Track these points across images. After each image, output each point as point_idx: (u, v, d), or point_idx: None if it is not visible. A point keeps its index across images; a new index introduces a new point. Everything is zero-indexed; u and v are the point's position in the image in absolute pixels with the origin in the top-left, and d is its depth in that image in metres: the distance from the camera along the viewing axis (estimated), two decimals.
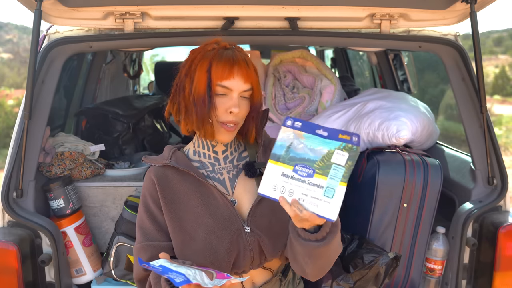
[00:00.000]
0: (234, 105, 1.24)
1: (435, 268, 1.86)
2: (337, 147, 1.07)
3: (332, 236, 1.14)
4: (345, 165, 1.05)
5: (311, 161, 1.08)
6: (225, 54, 1.25)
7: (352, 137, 1.06)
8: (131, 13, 1.77)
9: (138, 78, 4.49)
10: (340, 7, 1.79)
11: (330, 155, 1.07)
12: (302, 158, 1.09)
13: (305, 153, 1.09)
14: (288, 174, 1.09)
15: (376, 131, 1.91)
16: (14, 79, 14.98)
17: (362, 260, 1.73)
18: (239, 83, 1.24)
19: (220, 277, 1.08)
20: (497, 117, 10.69)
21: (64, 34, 1.82)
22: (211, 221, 1.27)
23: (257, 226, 1.29)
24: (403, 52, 3.13)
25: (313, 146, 1.09)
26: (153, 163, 1.34)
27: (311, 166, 1.07)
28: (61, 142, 2.09)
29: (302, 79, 2.49)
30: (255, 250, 1.28)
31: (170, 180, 1.31)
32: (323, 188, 1.06)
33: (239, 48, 1.32)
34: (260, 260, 1.30)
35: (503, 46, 18.28)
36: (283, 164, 1.10)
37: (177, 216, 1.28)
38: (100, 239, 2.03)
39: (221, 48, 1.28)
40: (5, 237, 1.62)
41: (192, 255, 1.25)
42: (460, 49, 1.85)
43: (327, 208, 1.05)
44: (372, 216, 1.82)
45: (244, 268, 1.29)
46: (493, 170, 1.81)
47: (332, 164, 1.06)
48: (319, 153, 1.08)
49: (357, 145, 1.06)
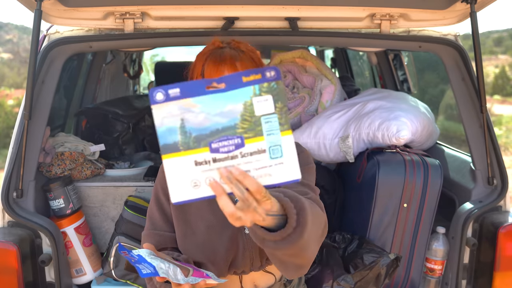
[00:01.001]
0: None
1: (435, 268, 1.86)
2: (252, 95, 0.81)
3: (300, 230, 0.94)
4: (276, 110, 0.81)
5: (230, 128, 0.81)
6: (215, 54, 1.24)
7: (265, 72, 0.81)
8: (131, 13, 1.77)
9: (138, 78, 4.49)
10: (340, 7, 1.79)
11: (249, 109, 0.81)
12: (213, 131, 0.81)
13: (213, 123, 0.81)
14: (206, 159, 0.82)
15: (376, 131, 1.91)
16: (14, 79, 14.98)
17: (362, 260, 1.73)
18: None
19: (198, 275, 1.05)
20: (497, 117, 10.69)
21: (64, 34, 1.82)
22: (212, 217, 1.27)
23: None
24: (403, 52, 3.13)
25: (218, 108, 0.81)
26: None
27: (233, 135, 0.81)
28: (61, 142, 2.09)
29: (302, 79, 2.49)
30: (254, 251, 1.27)
31: None
32: (266, 152, 0.82)
33: (234, 43, 1.29)
34: (261, 262, 1.30)
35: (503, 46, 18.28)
36: (189, 152, 0.81)
37: (182, 208, 1.29)
38: (100, 239, 2.03)
39: (215, 49, 1.27)
40: (5, 237, 1.62)
41: (192, 249, 1.26)
42: (460, 49, 1.85)
43: (284, 170, 0.82)
44: (372, 216, 1.82)
45: (243, 268, 1.28)
46: (493, 170, 1.81)
47: (260, 117, 0.81)
48: (233, 114, 0.81)
49: (276, 79, 0.81)
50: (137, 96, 3.55)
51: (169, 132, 0.81)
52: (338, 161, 2.09)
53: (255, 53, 1.29)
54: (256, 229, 0.94)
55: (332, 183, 2.10)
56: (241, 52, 1.26)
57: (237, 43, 1.29)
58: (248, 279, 1.32)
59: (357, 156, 2.01)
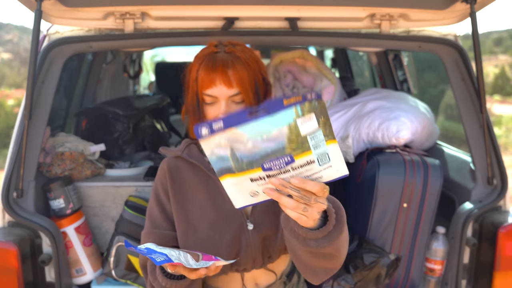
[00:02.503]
0: (221, 112, 1.20)
1: (435, 268, 1.86)
2: (295, 117, 0.82)
3: (339, 227, 1.00)
4: (320, 126, 0.83)
5: (278, 151, 0.84)
6: (208, 61, 1.22)
7: (306, 95, 0.82)
8: (131, 13, 1.77)
9: (138, 78, 4.49)
10: (340, 7, 1.79)
11: (294, 131, 0.83)
12: (263, 155, 0.84)
13: (261, 149, 0.84)
14: (260, 176, 0.86)
15: (376, 131, 1.91)
16: (14, 79, 14.98)
17: (362, 260, 1.73)
18: (222, 90, 1.20)
19: (207, 259, 1.06)
20: (497, 117, 10.68)
21: (64, 34, 1.83)
22: (214, 215, 1.27)
23: (260, 224, 1.28)
24: (403, 52, 3.13)
25: (264, 134, 0.83)
26: (169, 154, 1.36)
27: (283, 155, 0.84)
28: (61, 142, 2.09)
29: (302, 79, 2.49)
30: (256, 248, 1.27)
31: (181, 171, 1.33)
32: (315, 162, 0.85)
33: (229, 48, 1.25)
34: (263, 260, 1.30)
35: (503, 46, 18.29)
36: (243, 173, 0.86)
37: (183, 206, 1.29)
38: (100, 239, 2.03)
39: (209, 54, 1.23)
40: (5, 237, 1.62)
41: (194, 246, 1.26)
42: (460, 49, 1.85)
43: (332, 171, 0.87)
44: (372, 216, 1.82)
45: (245, 266, 1.29)
46: (493, 170, 1.81)
47: (306, 136, 0.83)
48: (279, 137, 0.83)
49: (317, 98, 0.82)
50: (137, 96, 3.55)
51: (221, 160, 0.85)
52: None
53: (252, 56, 1.26)
54: (298, 229, 0.97)
55: (332, 183, 2.10)
56: (235, 57, 1.22)
57: (232, 47, 1.25)
58: (250, 277, 1.33)
59: (357, 156, 2.01)
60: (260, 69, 1.28)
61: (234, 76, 1.20)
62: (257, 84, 1.26)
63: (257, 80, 1.26)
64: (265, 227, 1.28)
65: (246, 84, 1.22)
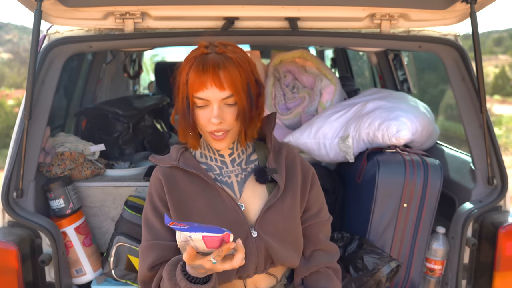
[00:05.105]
0: (214, 116, 1.18)
1: (435, 268, 1.86)
2: None
3: None
4: None
5: None
6: (198, 63, 1.19)
7: None
8: (131, 13, 1.77)
9: (138, 78, 4.48)
10: (340, 7, 1.78)
11: None
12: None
13: None
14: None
15: (376, 131, 1.91)
16: (14, 79, 14.97)
17: (362, 261, 1.74)
18: (214, 92, 1.17)
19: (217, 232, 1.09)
20: (497, 117, 10.68)
21: (64, 34, 1.82)
22: (217, 223, 1.25)
23: (265, 232, 1.26)
24: (403, 52, 3.13)
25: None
26: (161, 164, 1.31)
27: None
28: (61, 142, 2.09)
29: (302, 79, 2.49)
30: (260, 255, 1.26)
31: (178, 181, 1.29)
32: None
33: (220, 49, 1.21)
34: (265, 266, 1.29)
35: (503, 46, 18.28)
36: None
37: (184, 217, 1.26)
38: (100, 239, 2.03)
39: (199, 55, 1.20)
40: (5, 237, 1.62)
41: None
42: (460, 49, 1.85)
43: None
44: (372, 216, 1.82)
45: (248, 272, 1.27)
46: (493, 170, 1.81)
47: None
48: None
49: None
50: (137, 96, 3.55)
51: None
52: (338, 161, 2.09)
53: (244, 57, 1.23)
54: None
55: (332, 183, 2.10)
56: (227, 58, 1.19)
57: (223, 48, 1.21)
58: (251, 282, 1.32)
59: (357, 156, 2.01)
60: (252, 70, 1.25)
61: (225, 77, 1.17)
62: (249, 86, 1.23)
63: (249, 81, 1.23)
64: (269, 235, 1.26)
65: (238, 85, 1.19)
